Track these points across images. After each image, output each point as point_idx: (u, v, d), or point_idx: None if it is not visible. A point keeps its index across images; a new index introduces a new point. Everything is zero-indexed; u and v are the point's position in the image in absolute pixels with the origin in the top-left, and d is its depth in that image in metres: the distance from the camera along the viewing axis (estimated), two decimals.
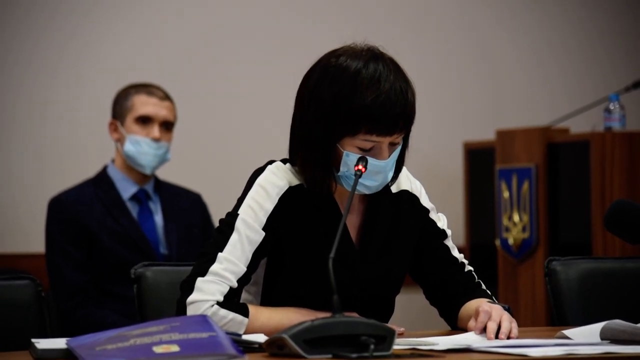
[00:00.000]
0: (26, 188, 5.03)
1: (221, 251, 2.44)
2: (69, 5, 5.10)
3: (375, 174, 2.45)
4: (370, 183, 2.46)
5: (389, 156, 2.45)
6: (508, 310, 2.48)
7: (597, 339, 2.25)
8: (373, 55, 2.46)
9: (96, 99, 5.05)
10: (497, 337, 2.36)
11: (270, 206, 2.47)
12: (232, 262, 2.43)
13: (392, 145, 2.47)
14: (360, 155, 2.43)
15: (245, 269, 2.44)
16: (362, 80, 2.41)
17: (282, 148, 2.56)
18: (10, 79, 5.05)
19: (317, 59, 2.49)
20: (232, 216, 2.47)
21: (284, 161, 2.54)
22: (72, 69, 5.10)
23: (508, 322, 2.38)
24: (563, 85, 5.72)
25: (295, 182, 2.49)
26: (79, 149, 5.08)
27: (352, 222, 2.54)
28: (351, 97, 2.41)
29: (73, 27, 5.10)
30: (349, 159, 2.44)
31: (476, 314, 2.42)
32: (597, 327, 2.27)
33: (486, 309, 2.40)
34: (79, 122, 5.11)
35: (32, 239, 4.86)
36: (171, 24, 5.24)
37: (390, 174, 2.49)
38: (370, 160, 2.44)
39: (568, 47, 5.75)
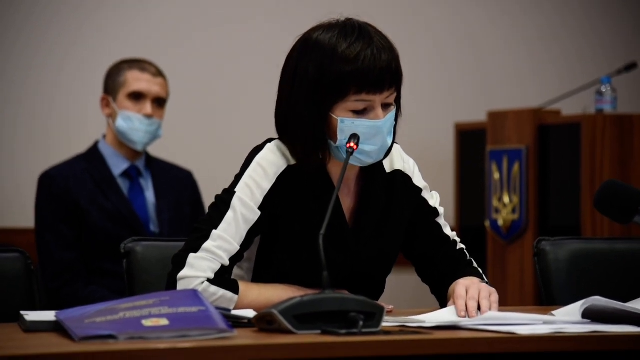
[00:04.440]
0: (16, 162, 5.02)
1: (215, 228, 2.44)
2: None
3: (373, 137, 2.45)
4: (370, 148, 2.45)
5: (385, 117, 2.45)
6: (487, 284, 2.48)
7: (579, 317, 2.26)
8: (350, 22, 2.48)
9: (78, 75, 5.04)
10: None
11: (267, 185, 2.47)
12: (225, 240, 2.43)
13: (386, 107, 2.47)
14: (350, 131, 2.43)
15: (238, 248, 2.45)
16: (342, 44, 2.43)
17: (275, 126, 2.55)
18: (18, 61, 5.04)
19: (297, 38, 2.50)
20: (229, 193, 2.47)
21: None
22: (72, 45, 5.09)
23: (487, 299, 2.39)
24: (555, 67, 5.73)
25: (293, 161, 2.49)
26: (68, 124, 5.07)
27: (346, 203, 2.55)
28: (334, 61, 2.42)
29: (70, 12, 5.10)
30: (345, 124, 2.44)
31: (453, 300, 2.42)
32: (578, 305, 2.29)
33: (461, 293, 2.40)
34: (68, 98, 5.10)
35: (22, 214, 4.86)
36: (164, 1, 5.22)
37: (390, 139, 2.48)
38: (366, 122, 2.44)
39: (560, 30, 5.76)
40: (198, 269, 2.41)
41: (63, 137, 5.03)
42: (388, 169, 2.59)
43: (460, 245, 2.65)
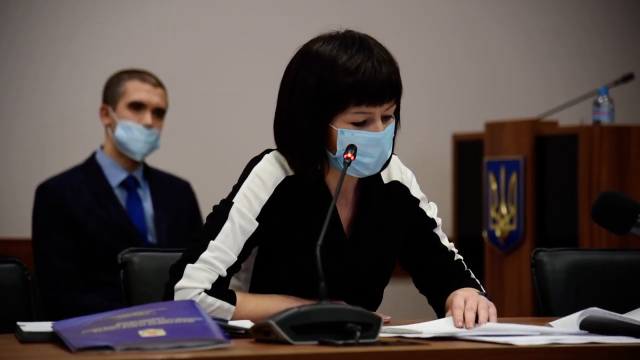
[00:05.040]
0: (13, 173, 5.02)
1: (213, 239, 2.44)
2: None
3: (372, 149, 2.45)
4: (368, 160, 2.46)
5: (384, 129, 2.45)
6: (485, 295, 2.48)
7: (576, 328, 2.26)
8: (350, 34, 2.48)
9: (75, 84, 5.05)
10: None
11: (265, 196, 2.47)
12: (223, 250, 2.43)
13: (386, 119, 2.47)
14: (349, 144, 2.43)
15: (235, 259, 2.45)
16: (342, 56, 2.43)
17: (272, 137, 2.55)
18: (12, 69, 5.04)
19: (297, 49, 2.50)
20: (227, 204, 2.47)
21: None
22: (68, 53, 5.09)
23: (485, 310, 2.39)
24: (552, 78, 5.74)
25: (291, 172, 2.50)
26: (65, 134, 5.07)
27: (344, 214, 2.55)
28: (335, 73, 2.42)
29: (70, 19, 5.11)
30: (344, 136, 2.44)
31: (451, 311, 2.42)
32: (575, 316, 2.29)
33: (459, 304, 2.40)
34: (66, 108, 5.10)
35: (19, 225, 4.85)
36: (163, 12, 5.23)
37: (389, 151, 2.49)
38: (366, 133, 2.44)
39: (558, 41, 5.77)
40: (195, 280, 2.41)
41: (60, 147, 5.02)
42: (386, 180, 2.60)
43: (458, 256, 2.65)
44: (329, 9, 5.35)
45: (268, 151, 2.54)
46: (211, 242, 2.44)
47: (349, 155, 2.43)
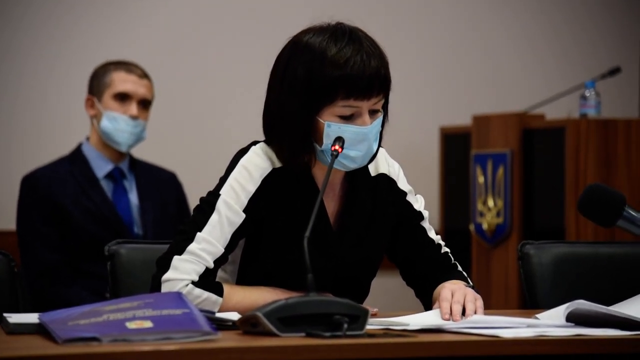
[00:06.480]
0: (3, 164, 5.00)
1: (200, 231, 2.44)
2: None
3: (359, 143, 2.45)
4: (354, 153, 2.46)
5: (371, 123, 2.45)
6: (472, 288, 2.49)
7: (563, 320, 2.27)
8: (341, 27, 2.48)
9: (68, 76, 5.03)
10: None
11: (252, 188, 2.47)
12: (210, 242, 2.43)
13: (373, 113, 2.47)
14: (336, 136, 2.43)
15: (222, 250, 2.45)
16: (331, 49, 2.43)
17: (259, 128, 2.55)
18: (11, 68, 5.02)
19: (288, 40, 2.50)
20: (214, 196, 2.47)
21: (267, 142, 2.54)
22: (67, 52, 5.08)
23: (472, 302, 2.39)
24: (539, 72, 5.75)
25: (278, 164, 2.50)
26: (53, 125, 5.06)
27: (331, 207, 2.55)
28: (324, 65, 2.42)
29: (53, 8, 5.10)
30: (331, 129, 2.44)
31: (439, 303, 2.42)
32: (562, 308, 2.29)
33: (446, 296, 2.40)
34: (54, 99, 5.08)
35: (10, 216, 4.84)
36: (149, 3, 5.22)
37: (375, 145, 2.49)
38: (353, 127, 2.44)
39: (544, 34, 5.77)
40: (182, 272, 2.41)
41: (50, 138, 5.01)
42: (373, 173, 2.60)
43: (445, 249, 2.66)
44: (319, 4, 5.33)
45: (255, 143, 2.54)
46: (198, 233, 2.44)
47: (337, 147, 2.43)
